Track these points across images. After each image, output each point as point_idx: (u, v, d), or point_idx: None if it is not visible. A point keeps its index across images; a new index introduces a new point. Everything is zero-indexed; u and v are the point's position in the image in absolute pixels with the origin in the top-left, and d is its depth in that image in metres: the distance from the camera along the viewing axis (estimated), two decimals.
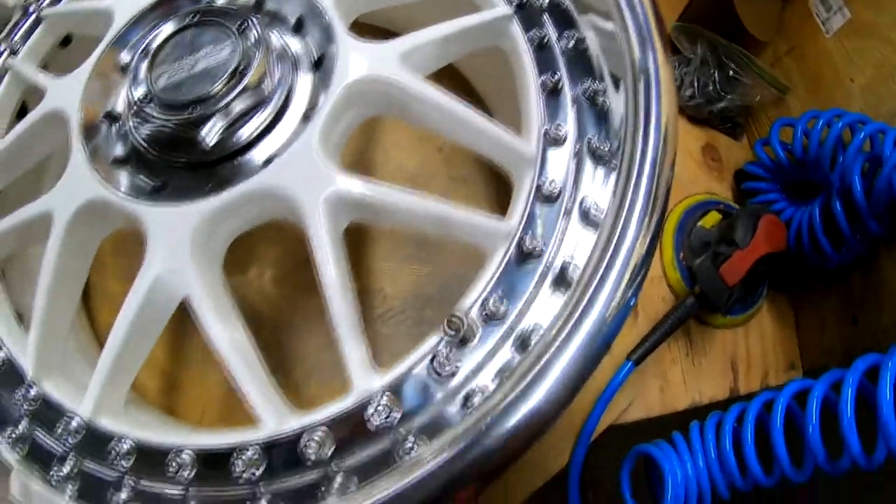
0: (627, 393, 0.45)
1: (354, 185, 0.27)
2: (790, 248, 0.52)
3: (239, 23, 0.32)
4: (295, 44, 0.33)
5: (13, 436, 0.32)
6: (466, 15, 0.33)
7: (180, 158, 0.31)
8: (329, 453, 0.24)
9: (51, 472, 0.30)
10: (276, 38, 0.32)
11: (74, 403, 0.31)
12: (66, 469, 0.30)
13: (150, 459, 0.28)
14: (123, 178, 0.32)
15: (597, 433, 0.44)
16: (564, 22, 0.35)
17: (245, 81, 0.30)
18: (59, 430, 0.31)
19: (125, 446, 0.29)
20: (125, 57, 0.35)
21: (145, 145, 0.32)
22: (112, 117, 0.35)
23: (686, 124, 0.59)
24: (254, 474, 0.25)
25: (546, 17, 0.35)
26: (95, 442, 0.30)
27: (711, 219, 0.54)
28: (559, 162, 0.30)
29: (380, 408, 0.24)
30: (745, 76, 0.58)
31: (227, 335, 0.27)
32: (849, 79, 0.54)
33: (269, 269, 0.45)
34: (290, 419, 0.26)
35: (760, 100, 0.59)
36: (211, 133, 0.29)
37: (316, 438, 0.24)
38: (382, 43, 0.32)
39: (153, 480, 0.28)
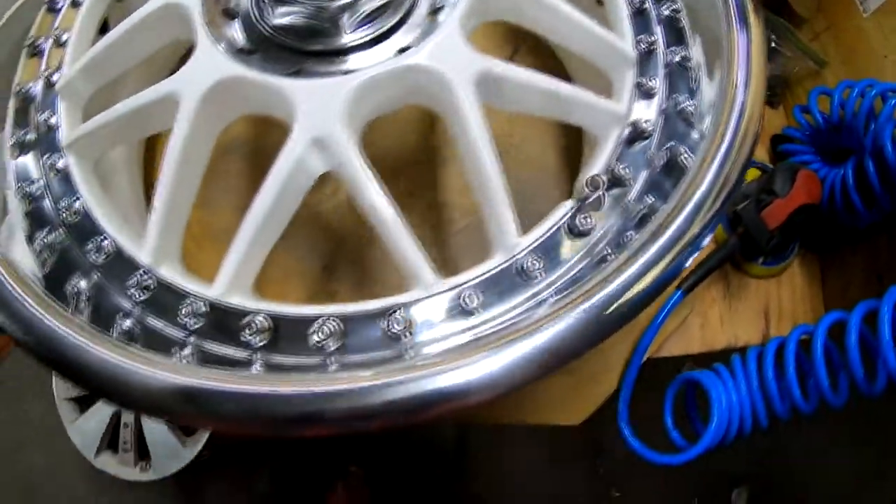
0: (681, 313, 0.49)
1: (495, 63, 0.30)
2: (823, 206, 0.57)
3: None
4: None
5: (121, 329, 0.32)
6: None
7: (314, 46, 0.34)
8: (482, 306, 0.27)
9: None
10: None
11: (199, 287, 0.32)
12: (185, 351, 0.30)
13: (289, 331, 0.30)
14: (253, 65, 0.35)
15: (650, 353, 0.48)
16: None
17: None
18: (183, 313, 0.31)
19: (262, 321, 0.30)
20: None
21: (278, 34, 0.34)
22: (231, 14, 0.38)
23: None
24: (407, 333, 0.28)
25: None
26: (225, 321, 0.31)
27: (751, 174, 0.58)
28: (653, 66, 0.34)
29: (527, 263, 0.27)
30: (785, 48, 0.63)
31: (384, 200, 0.30)
32: (883, 55, 0.59)
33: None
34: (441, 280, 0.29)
35: (798, 72, 0.64)
36: (352, 21, 0.32)
37: (470, 293, 0.27)
38: None
39: (288, 354, 0.30)
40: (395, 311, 0.28)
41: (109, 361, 0.26)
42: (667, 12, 0.38)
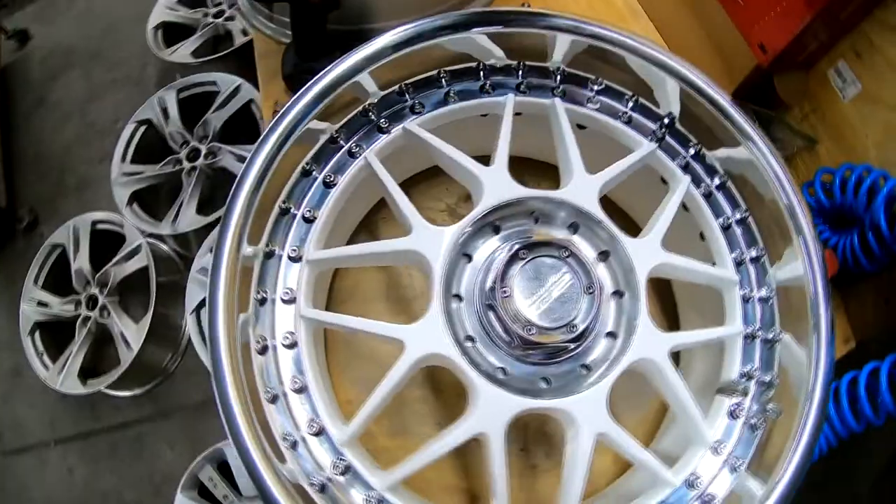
0: None
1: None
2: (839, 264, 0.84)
3: (562, 251, 0.56)
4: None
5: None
6: None
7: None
8: None
9: None
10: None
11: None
12: None
13: None
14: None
15: None
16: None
17: (596, 300, 0.55)
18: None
19: None
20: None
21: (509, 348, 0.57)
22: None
23: None
24: None
25: None
26: None
27: None
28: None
29: None
30: (779, 133, 0.88)
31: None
32: (864, 134, 0.85)
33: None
34: None
35: (796, 150, 0.89)
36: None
37: None
38: None
39: None
40: None
41: None
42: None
